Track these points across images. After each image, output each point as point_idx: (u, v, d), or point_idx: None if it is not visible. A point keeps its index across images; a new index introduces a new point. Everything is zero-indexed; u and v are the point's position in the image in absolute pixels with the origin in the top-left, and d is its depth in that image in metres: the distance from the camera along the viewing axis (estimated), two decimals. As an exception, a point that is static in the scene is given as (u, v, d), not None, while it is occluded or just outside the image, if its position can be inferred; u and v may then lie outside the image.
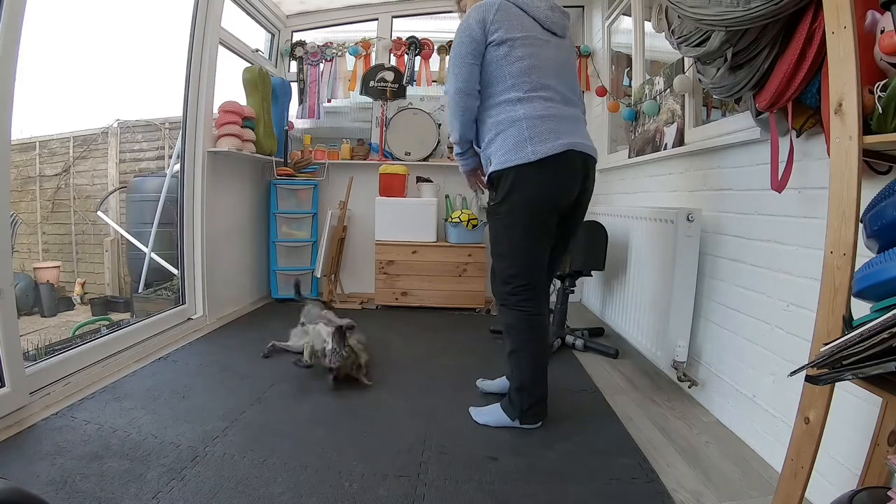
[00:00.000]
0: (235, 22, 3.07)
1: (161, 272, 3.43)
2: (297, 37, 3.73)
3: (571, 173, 1.59)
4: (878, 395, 0.83)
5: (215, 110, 2.83)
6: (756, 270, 1.62)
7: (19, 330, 1.64)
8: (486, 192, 1.79)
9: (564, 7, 1.75)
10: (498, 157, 1.58)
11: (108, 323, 3.21)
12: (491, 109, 1.61)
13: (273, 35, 3.68)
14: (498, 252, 1.69)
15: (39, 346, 2.55)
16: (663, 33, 1.73)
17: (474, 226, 3.28)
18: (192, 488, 1.27)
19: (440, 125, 3.60)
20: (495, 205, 1.64)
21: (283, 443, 1.53)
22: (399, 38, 3.66)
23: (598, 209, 3.09)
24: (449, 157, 3.59)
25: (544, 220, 1.60)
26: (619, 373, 2.25)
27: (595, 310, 3.21)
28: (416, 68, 3.68)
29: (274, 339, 2.39)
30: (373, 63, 3.64)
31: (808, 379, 0.87)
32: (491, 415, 1.73)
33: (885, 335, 0.73)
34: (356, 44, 3.63)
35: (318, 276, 3.42)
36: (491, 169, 1.61)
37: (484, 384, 1.99)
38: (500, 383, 1.95)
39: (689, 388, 1.95)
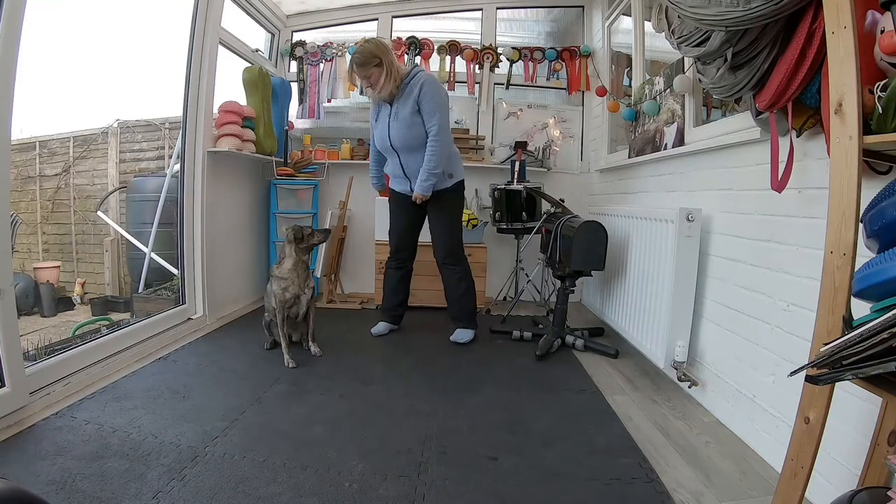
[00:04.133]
0: (235, 22, 3.07)
1: (161, 272, 3.43)
2: (297, 37, 3.73)
3: None
4: (878, 395, 0.83)
5: (215, 110, 2.83)
6: (756, 270, 1.62)
7: (19, 330, 1.64)
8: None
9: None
10: (457, 173, 2.58)
11: (108, 323, 3.21)
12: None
13: (273, 35, 3.68)
14: (456, 231, 2.65)
15: (39, 346, 2.55)
16: (663, 33, 1.73)
17: (474, 225, 3.28)
18: (193, 488, 1.27)
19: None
20: (459, 200, 2.65)
21: (283, 443, 1.53)
22: (399, 38, 3.66)
23: (598, 209, 3.09)
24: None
25: None
26: (619, 373, 2.25)
27: (595, 310, 3.21)
28: (416, 68, 3.68)
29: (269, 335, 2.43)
30: (373, 63, 3.64)
31: (808, 379, 0.87)
32: (464, 335, 2.63)
33: (885, 335, 0.73)
34: (356, 44, 3.60)
35: (319, 275, 3.41)
36: (455, 180, 2.57)
37: (454, 337, 2.64)
38: (458, 333, 2.65)
39: (689, 388, 1.95)
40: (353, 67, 2.39)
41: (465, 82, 3.66)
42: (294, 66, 3.74)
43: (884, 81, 0.86)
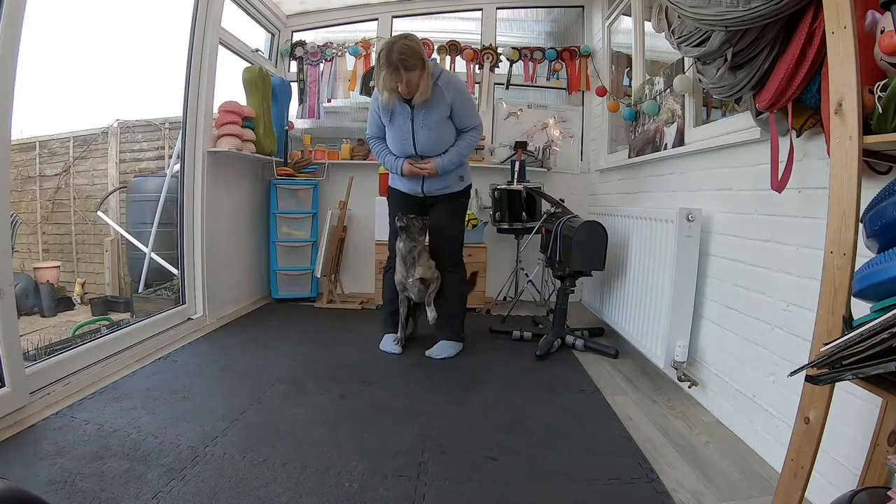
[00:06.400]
0: (235, 22, 3.07)
1: (161, 272, 3.43)
2: (297, 37, 3.73)
3: None
4: (878, 395, 0.83)
5: (215, 110, 2.83)
6: (756, 270, 1.62)
7: (19, 330, 1.64)
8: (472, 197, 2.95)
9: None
10: (467, 176, 2.55)
11: (108, 323, 3.21)
12: None
13: (273, 35, 3.68)
14: (460, 233, 2.61)
15: (39, 346, 2.55)
16: (663, 33, 1.73)
17: (474, 226, 3.28)
18: (192, 488, 1.27)
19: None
20: (465, 203, 2.61)
21: (283, 443, 1.53)
22: (399, 39, 3.66)
23: (598, 209, 3.09)
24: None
25: None
26: (619, 373, 2.25)
27: (595, 310, 3.21)
28: (416, 68, 3.68)
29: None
30: (372, 63, 3.64)
31: (808, 379, 0.87)
32: (446, 349, 2.42)
33: (885, 335, 0.73)
34: (356, 44, 3.63)
35: (318, 276, 3.42)
36: (465, 184, 2.55)
37: (432, 352, 2.42)
38: (440, 347, 2.44)
39: (689, 388, 1.95)
40: (397, 70, 2.04)
41: (465, 82, 3.66)
42: (294, 66, 3.74)
43: (884, 81, 0.86)
